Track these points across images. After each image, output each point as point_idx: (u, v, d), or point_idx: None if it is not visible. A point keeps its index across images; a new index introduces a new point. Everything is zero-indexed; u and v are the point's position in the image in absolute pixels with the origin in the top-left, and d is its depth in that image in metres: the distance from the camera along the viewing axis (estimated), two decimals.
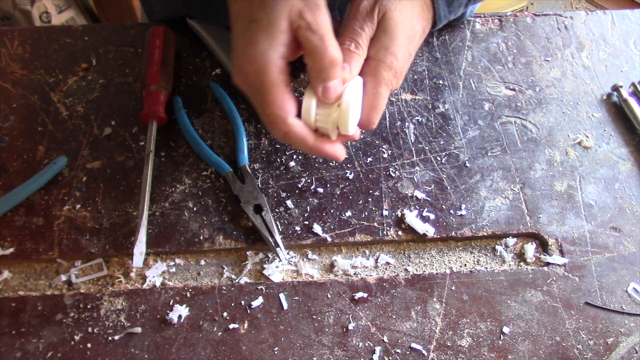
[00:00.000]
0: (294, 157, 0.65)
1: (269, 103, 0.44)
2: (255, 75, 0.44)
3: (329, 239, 0.60)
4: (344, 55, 0.47)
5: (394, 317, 0.56)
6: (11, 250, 0.59)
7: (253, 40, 0.44)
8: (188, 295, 0.57)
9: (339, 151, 0.49)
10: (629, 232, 0.62)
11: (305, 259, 0.60)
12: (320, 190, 0.63)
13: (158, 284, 0.58)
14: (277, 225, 0.61)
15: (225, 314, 0.56)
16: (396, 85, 0.49)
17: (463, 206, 0.63)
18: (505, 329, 0.55)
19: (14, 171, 0.63)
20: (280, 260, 0.59)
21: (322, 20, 0.44)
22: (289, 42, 0.45)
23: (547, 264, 0.60)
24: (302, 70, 0.72)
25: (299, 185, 0.63)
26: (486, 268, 0.60)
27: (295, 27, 0.44)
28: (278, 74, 0.44)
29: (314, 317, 0.56)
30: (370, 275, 0.59)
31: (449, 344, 0.55)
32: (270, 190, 0.63)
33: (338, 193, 0.63)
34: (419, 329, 0.55)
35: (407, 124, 0.68)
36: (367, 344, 0.54)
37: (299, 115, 0.47)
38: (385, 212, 0.62)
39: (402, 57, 0.47)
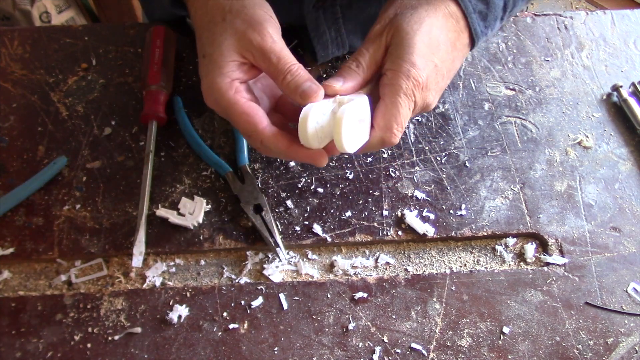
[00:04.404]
0: None
1: (236, 121, 0.46)
2: (216, 103, 0.47)
3: (329, 239, 0.60)
4: (342, 71, 0.48)
5: (394, 317, 0.56)
6: (11, 250, 0.59)
7: (205, 73, 0.47)
8: (188, 295, 0.57)
9: (317, 157, 0.47)
10: (629, 232, 0.62)
11: (305, 259, 0.60)
12: (320, 190, 0.63)
13: (158, 284, 0.58)
14: (277, 225, 0.61)
15: (225, 314, 0.56)
16: (423, 98, 0.47)
17: (463, 206, 0.63)
18: (505, 329, 0.55)
19: (14, 171, 0.63)
20: (280, 260, 0.59)
21: (270, 39, 0.46)
22: (242, 66, 0.47)
23: (547, 264, 0.60)
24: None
25: (299, 185, 0.63)
26: (486, 268, 0.60)
27: (247, 56, 0.46)
28: (234, 94, 0.46)
29: (314, 317, 0.56)
30: (370, 275, 0.59)
31: (449, 344, 0.55)
32: (270, 190, 0.63)
33: (338, 193, 0.63)
34: (419, 329, 0.55)
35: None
36: (367, 344, 0.54)
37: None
38: (385, 212, 0.62)
39: (422, 65, 0.45)
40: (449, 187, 0.64)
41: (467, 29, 0.50)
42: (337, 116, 0.44)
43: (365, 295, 0.57)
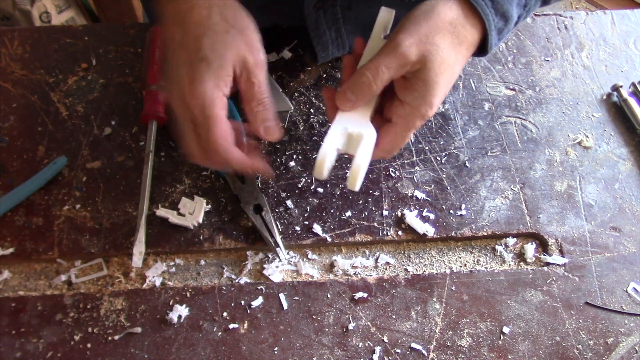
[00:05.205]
0: (294, 157, 0.65)
1: (214, 135, 0.47)
2: (200, 110, 0.47)
3: (329, 239, 0.60)
4: (356, 88, 0.47)
5: (394, 317, 0.56)
6: (11, 250, 0.59)
7: (201, 77, 0.47)
8: (188, 295, 0.57)
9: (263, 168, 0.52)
10: (629, 232, 0.62)
11: (305, 259, 0.60)
12: (320, 190, 0.63)
13: (158, 284, 0.58)
14: (277, 225, 0.61)
15: (225, 314, 0.56)
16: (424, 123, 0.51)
17: (463, 206, 0.63)
18: (505, 329, 0.55)
19: (14, 171, 0.63)
20: (280, 260, 0.59)
21: (260, 65, 0.49)
22: (231, 82, 0.48)
23: (547, 264, 0.60)
24: (302, 70, 0.72)
25: (299, 185, 0.63)
26: (486, 268, 0.60)
27: (237, 72, 0.48)
28: (221, 109, 0.48)
29: (314, 317, 0.56)
30: (370, 275, 0.59)
31: (449, 344, 0.55)
32: (270, 190, 0.63)
33: (338, 193, 0.63)
34: (419, 329, 0.55)
35: None
36: (367, 344, 0.54)
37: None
38: (385, 212, 0.62)
39: (437, 103, 0.48)
40: (449, 187, 0.64)
41: (477, 46, 0.51)
42: (353, 169, 0.47)
43: (365, 295, 0.57)
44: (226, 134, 0.48)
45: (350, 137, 0.48)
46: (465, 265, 0.61)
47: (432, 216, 0.62)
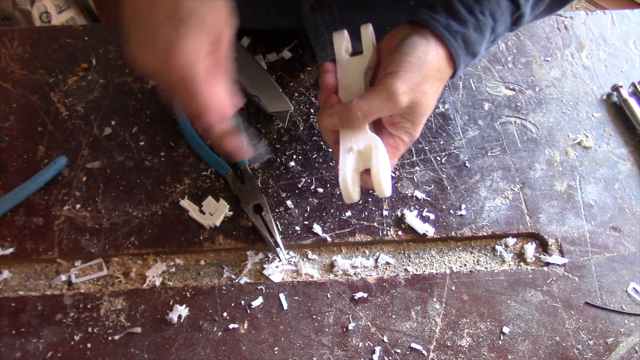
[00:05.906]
0: (294, 157, 0.65)
1: (202, 99, 0.44)
2: (181, 76, 0.43)
3: (329, 239, 0.60)
4: (345, 119, 0.49)
5: (394, 317, 0.56)
6: (11, 250, 0.59)
7: (181, 40, 0.42)
8: (188, 295, 0.57)
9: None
10: (629, 232, 0.62)
11: (305, 259, 0.60)
12: (320, 190, 0.63)
13: (158, 284, 0.58)
14: (277, 225, 0.61)
15: (225, 314, 0.56)
16: None
17: (463, 206, 0.63)
18: (505, 329, 0.55)
19: (14, 171, 0.63)
20: (280, 260, 0.59)
21: (229, 46, 0.46)
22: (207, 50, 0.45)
23: (547, 264, 0.60)
24: (302, 70, 0.72)
25: (299, 185, 0.63)
26: (486, 268, 0.60)
27: (215, 43, 0.44)
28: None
29: (314, 317, 0.56)
30: (370, 275, 0.59)
31: (449, 344, 0.55)
32: (270, 190, 0.63)
33: (338, 193, 0.63)
34: (419, 329, 0.55)
35: None
36: (367, 344, 0.54)
37: None
38: (385, 212, 0.62)
39: (419, 133, 0.52)
40: (449, 187, 0.64)
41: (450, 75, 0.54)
42: (373, 177, 0.48)
43: (365, 295, 0.57)
44: (215, 96, 0.44)
45: (360, 154, 0.49)
46: (465, 265, 0.61)
47: (432, 216, 0.62)
